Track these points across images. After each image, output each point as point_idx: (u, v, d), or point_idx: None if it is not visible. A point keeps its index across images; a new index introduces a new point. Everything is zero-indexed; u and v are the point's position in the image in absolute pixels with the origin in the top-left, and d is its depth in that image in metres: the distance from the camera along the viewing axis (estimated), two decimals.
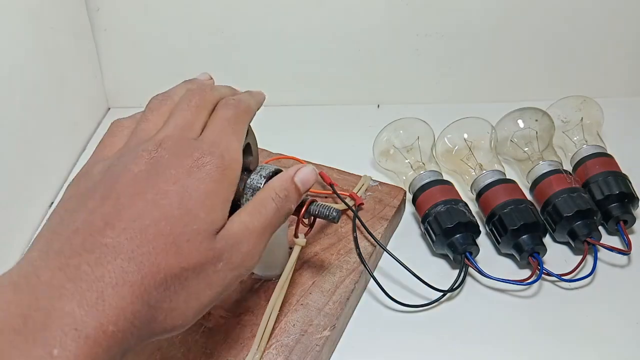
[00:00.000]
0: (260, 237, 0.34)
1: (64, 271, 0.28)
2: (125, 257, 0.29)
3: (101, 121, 0.68)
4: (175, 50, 0.67)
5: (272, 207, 0.35)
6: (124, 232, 0.30)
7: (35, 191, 0.56)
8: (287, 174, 0.37)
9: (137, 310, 0.28)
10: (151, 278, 0.29)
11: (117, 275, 0.28)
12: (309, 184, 0.38)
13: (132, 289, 0.28)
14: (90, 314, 0.27)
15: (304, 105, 0.68)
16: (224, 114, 0.37)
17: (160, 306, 0.30)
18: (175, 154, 0.33)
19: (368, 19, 0.63)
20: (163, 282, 0.30)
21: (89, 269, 0.28)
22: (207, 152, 0.34)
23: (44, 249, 0.29)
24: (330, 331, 0.42)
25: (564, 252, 0.50)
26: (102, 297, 0.27)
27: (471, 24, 0.63)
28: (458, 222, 0.48)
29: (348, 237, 0.49)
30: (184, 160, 0.33)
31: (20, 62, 0.54)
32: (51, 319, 0.26)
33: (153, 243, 0.30)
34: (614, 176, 0.51)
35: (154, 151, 0.33)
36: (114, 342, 0.27)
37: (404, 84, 0.68)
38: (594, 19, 0.63)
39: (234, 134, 0.36)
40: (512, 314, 0.46)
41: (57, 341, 0.26)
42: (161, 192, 0.31)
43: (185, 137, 0.34)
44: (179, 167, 0.33)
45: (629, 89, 0.67)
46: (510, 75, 0.67)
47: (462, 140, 0.55)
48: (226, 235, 0.33)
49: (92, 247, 0.29)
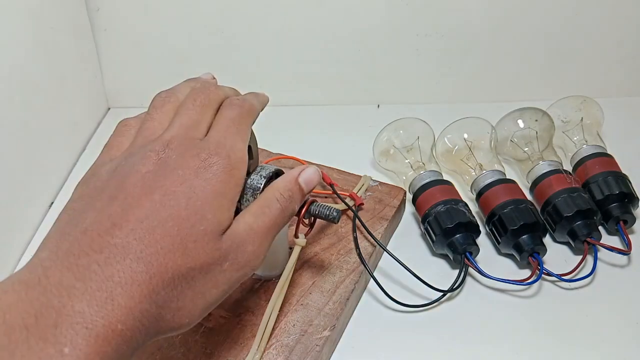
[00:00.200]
0: (265, 237, 0.35)
1: (73, 271, 0.28)
2: (134, 257, 0.29)
3: (101, 121, 0.68)
4: (175, 50, 0.67)
5: (277, 207, 0.36)
6: (132, 232, 0.30)
7: (35, 191, 0.56)
8: (291, 174, 0.38)
9: (146, 309, 0.29)
10: (159, 278, 0.30)
11: (126, 275, 0.29)
12: (313, 184, 0.38)
13: (141, 289, 0.29)
14: (100, 313, 0.27)
15: (304, 105, 0.68)
16: (229, 114, 0.37)
17: (168, 305, 0.30)
18: (182, 155, 0.33)
19: (368, 19, 0.63)
20: (171, 282, 0.30)
21: (98, 269, 0.28)
22: (214, 153, 0.34)
23: (54, 249, 0.30)
24: (330, 331, 0.42)
25: (564, 252, 0.50)
26: (111, 296, 0.28)
27: (471, 24, 0.63)
28: (458, 222, 0.48)
29: (348, 237, 0.49)
30: (191, 161, 0.33)
31: (20, 62, 0.53)
32: (62, 318, 0.27)
33: (161, 243, 0.30)
34: (614, 176, 0.51)
35: (162, 152, 0.33)
36: (122, 341, 0.28)
37: (404, 84, 0.68)
38: (593, 19, 0.63)
39: (238, 133, 0.36)
40: (512, 314, 0.46)
41: (67, 340, 0.26)
42: (169, 193, 0.32)
43: (191, 137, 0.35)
44: (186, 167, 0.33)
45: (629, 89, 0.67)
46: (510, 75, 0.67)
47: (462, 140, 0.55)
48: (232, 235, 0.33)
49: (100, 247, 0.29)
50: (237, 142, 0.36)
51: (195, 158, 0.33)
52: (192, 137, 0.35)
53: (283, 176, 0.38)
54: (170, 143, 0.34)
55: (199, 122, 0.36)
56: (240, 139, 0.36)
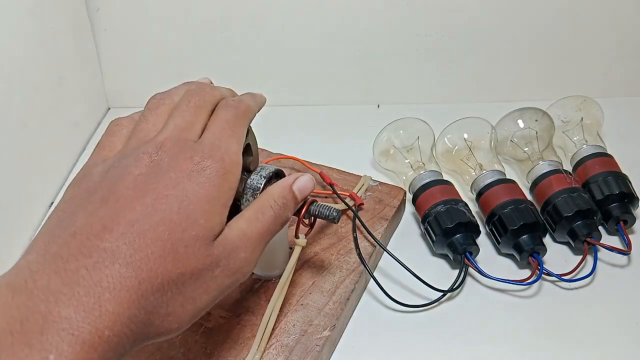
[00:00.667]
0: (258, 244, 0.34)
1: (61, 275, 0.28)
2: (123, 262, 0.29)
3: (101, 121, 0.68)
4: (175, 50, 0.67)
5: (270, 214, 0.35)
6: (122, 236, 0.29)
7: (35, 191, 0.56)
8: (285, 182, 0.37)
9: (134, 315, 0.28)
10: (148, 283, 0.29)
11: (114, 280, 0.28)
12: (307, 192, 0.38)
13: (130, 294, 0.28)
14: (87, 319, 0.27)
15: (304, 105, 0.68)
16: (224, 115, 0.37)
17: (157, 311, 0.30)
18: (176, 157, 0.33)
19: (368, 19, 0.63)
20: (160, 287, 0.30)
21: (86, 274, 0.28)
22: (208, 156, 0.33)
23: (41, 252, 0.29)
24: (330, 331, 0.42)
25: (564, 252, 0.50)
26: (99, 302, 0.27)
27: (471, 24, 0.63)
28: (458, 222, 0.48)
29: (348, 237, 0.49)
30: (184, 164, 0.33)
31: (20, 62, 0.53)
32: (48, 323, 0.26)
33: (151, 248, 0.30)
34: (614, 176, 0.51)
35: (155, 154, 0.33)
36: (109, 347, 0.27)
37: (404, 84, 0.68)
38: (594, 19, 0.63)
39: (233, 136, 0.36)
40: (512, 314, 0.46)
41: (53, 346, 0.26)
42: (161, 197, 0.31)
43: (185, 139, 0.34)
44: (179, 170, 0.32)
45: (629, 89, 0.67)
46: (510, 75, 0.67)
47: (462, 140, 0.55)
48: (224, 241, 0.33)
49: (89, 252, 0.29)
50: (231, 145, 0.35)
51: (189, 161, 0.33)
52: (185, 139, 0.34)
53: (277, 183, 0.37)
54: (164, 145, 0.33)
55: (193, 123, 0.35)
56: (235, 141, 0.36)
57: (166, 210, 0.31)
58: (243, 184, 0.38)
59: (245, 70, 0.67)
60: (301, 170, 0.55)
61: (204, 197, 0.32)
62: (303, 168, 0.55)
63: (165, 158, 0.33)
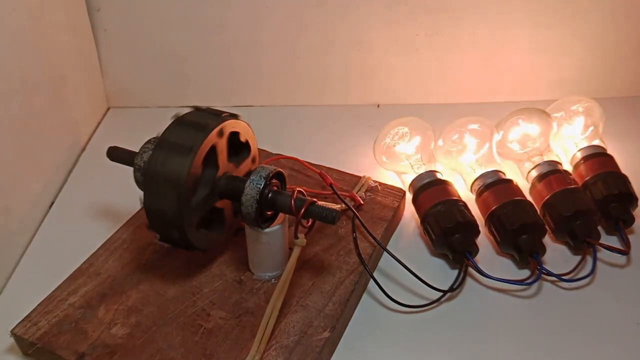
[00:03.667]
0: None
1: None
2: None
3: (101, 121, 0.68)
4: (175, 50, 0.67)
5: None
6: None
7: (35, 191, 0.56)
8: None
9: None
10: None
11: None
12: None
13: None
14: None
15: (304, 105, 0.68)
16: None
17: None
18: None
19: (368, 19, 0.63)
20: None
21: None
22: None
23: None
24: (330, 332, 0.42)
25: (564, 252, 0.50)
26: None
27: (471, 24, 0.63)
28: (458, 222, 0.48)
29: (348, 237, 0.49)
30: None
31: (20, 62, 0.54)
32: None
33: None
34: (614, 176, 0.51)
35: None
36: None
37: (404, 84, 0.68)
38: (594, 19, 0.63)
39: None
40: (512, 314, 0.46)
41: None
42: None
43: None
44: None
45: (629, 89, 0.67)
46: (510, 75, 0.67)
47: (462, 140, 0.55)
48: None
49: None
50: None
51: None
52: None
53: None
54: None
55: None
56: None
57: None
58: (243, 184, 0.38)
59: (245, 70, 0.67)
60: (301, 170, 0.55)
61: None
62: (303, 168, 0.55)
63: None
